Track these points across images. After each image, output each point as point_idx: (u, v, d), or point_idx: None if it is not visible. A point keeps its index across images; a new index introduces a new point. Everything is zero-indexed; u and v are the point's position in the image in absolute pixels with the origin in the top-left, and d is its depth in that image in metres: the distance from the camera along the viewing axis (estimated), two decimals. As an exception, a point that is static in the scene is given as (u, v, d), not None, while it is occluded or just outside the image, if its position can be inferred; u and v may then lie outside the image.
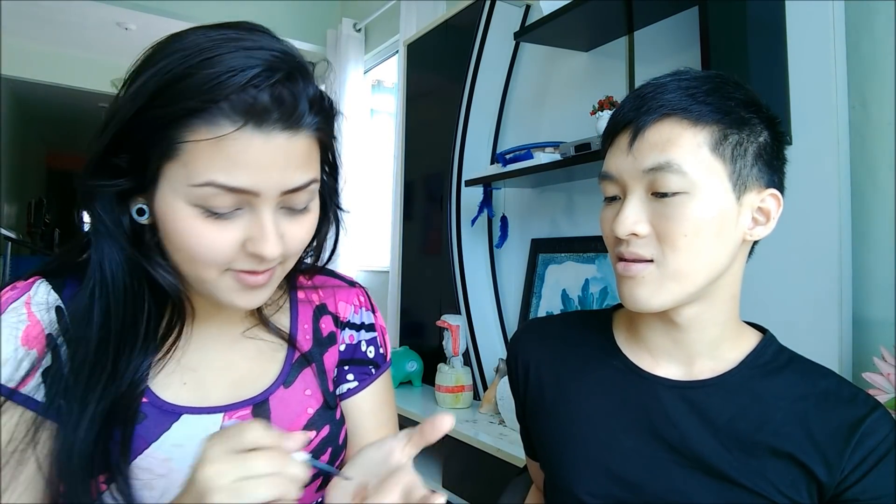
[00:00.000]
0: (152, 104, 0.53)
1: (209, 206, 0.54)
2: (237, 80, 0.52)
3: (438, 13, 2.50)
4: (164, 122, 0.53)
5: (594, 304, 1.65)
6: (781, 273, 1.14)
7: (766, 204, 0.66)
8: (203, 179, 0.53)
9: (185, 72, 0.52)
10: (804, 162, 1.11)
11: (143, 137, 0.54)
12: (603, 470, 0.69)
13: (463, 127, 1.99)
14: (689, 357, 0.70)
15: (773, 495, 0.62)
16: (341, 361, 0.77)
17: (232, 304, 0.60)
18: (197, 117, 0.52)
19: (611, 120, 0.69)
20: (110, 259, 0.59)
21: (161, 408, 0.63)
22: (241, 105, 0.52)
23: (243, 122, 0.52)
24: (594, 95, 1.57)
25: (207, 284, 0.59)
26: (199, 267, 0.57)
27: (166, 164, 0.54)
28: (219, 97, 0.51)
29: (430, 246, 2.33)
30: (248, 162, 0.53)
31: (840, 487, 0.62)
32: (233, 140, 0.52)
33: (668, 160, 0.62)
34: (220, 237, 0.55)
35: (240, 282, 0.59)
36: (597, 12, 1.47)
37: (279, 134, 0.54)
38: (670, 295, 0.64)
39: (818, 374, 0.68)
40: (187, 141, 0.53)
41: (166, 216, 0.56)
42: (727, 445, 0.65)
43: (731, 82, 0.66)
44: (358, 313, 0.79)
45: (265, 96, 0.53)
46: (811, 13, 1.14)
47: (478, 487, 1.60)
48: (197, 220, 0.55)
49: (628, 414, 0.71)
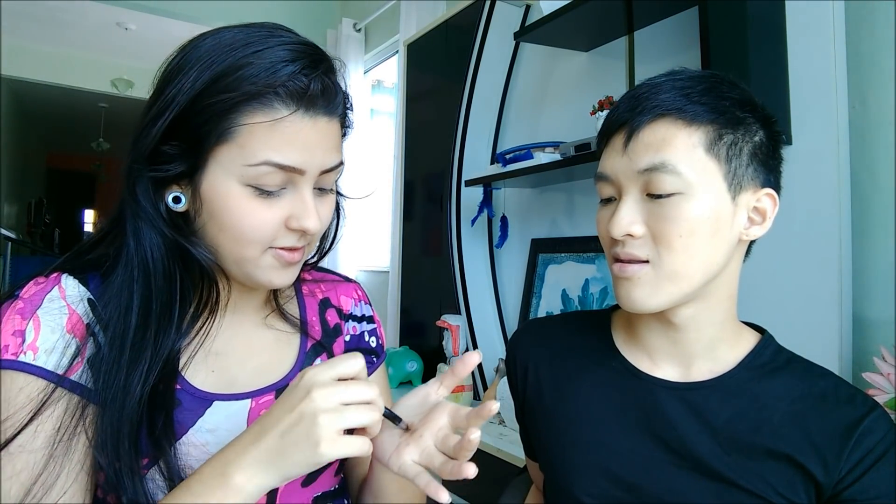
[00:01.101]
0: (210, 92, 0.58)
1: (261, 184, 0.59)
2: (290, 69, 0.59)
3: (438, 13, 2.50)
4: (223, 108, 0.58)
5: (594, 304, 1.65)
6: (781, 273, 1.14)
7: (761, 203, 0.66)
8: (259, 159, 0.58)
9: (240, 62, 0.58)
10: (804, 162, 1.11)
11: (200, 123, 0.59)
12: (601, 471, 0.69)
13: (463, 127, 1.99)
14: (687, 358, 0.70)
15: (771, 496, 0.62)
16: (347, 351, 0.79)
17: (270, 281, 0.64)
18: (256, 102, 0.58)
19: (606, 120, 0.69)
20: (150, 244, 0.61)
21: (194, 394, 0.65)
22: (295, 92, 0.59)
23: (296, 108, 0.59)
24: (594, 95, 1.57)
25: (248, 263, 0.63)
26: (244, 245, 0.61)
27: (220, 147, 0.59)
28: (276, 84, 0.58)
29: (430, 246, 2.33)
30: (298, 142, 0.60)
31: (838, 488, 0.62)
32: (288, 123, 0.59)
33: (663, 160, 0.62)
34: (267, 215, 0.60)
35: (279, 259, 0.63)
36: (597, 12, 1.47)
37: (322, 118, 0.61)
38: (667, 296, 0.64)
39: (816, 374, 0.68)
40: (245, 124, 0.58)
41: (216, 197, 0.60)
42: (725, 447, 0.65)
43: (726, 82, 0.66)
44: (358, 306, 0.83)
45: (316, 85, 0.60)
46: (811, 13, 1.14)
47: (478, 487, 1.60)
48: (248, 199, 0.60)
49: (627, 415, 0.70)
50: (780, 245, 1.12)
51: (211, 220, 0.61)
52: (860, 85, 1.13)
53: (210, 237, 0.62)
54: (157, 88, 0.62)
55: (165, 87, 0.60)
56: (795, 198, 1.11)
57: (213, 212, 0.61)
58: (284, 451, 0.52)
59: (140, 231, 0.62)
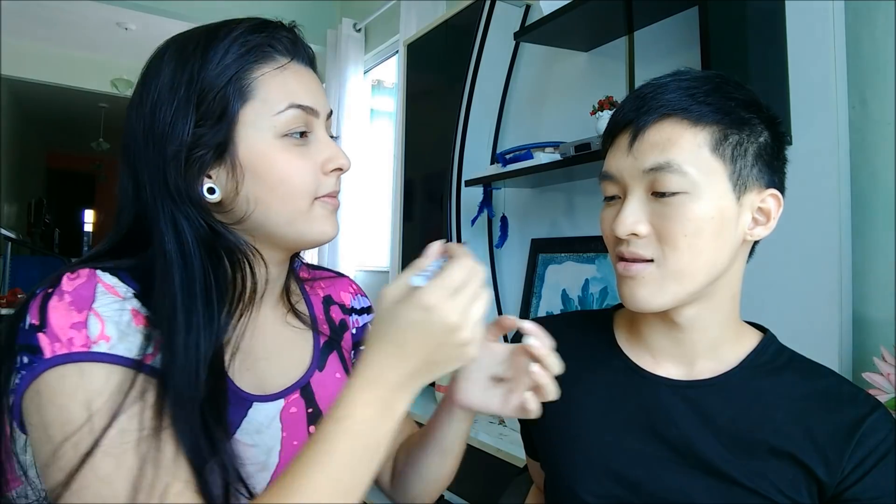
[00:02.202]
0: (218, 61, 0.61)
1: (292, 129, 0.63)
2: (280, 29, 0.66)
3: (438, 13, 2.50)
4: (235, 69, 0.62)
5: (594, 304, 1.65)
6: (781, 273, 1.14)
7: (766, 204, 0.66)
8: (284, 104, 0.63)
9: (229, 31, 0.63)
10: (804, 162, 1.11)
11: (219, 91, 0.61)
12: (604, 469, 0.69)
13: (463, 127, 1.98)
14: (690, 357, 0.70)
15: (774, 495, 0.62)
16: (354, 344, 0.82)
17: (323, 233, 0.67)
18: (259, 54, 0.63)
19: (611, 120, 0.69)
20: (191, 241, 0.61)
21: (237, 394, 0.65)
22: (286, 45, 0.66)
23: (291, 56, 0.65)
24: (594, 95, 1.57)
25: (300, 218, 0.65)
26: (295, 199, 0.64)
27: (244, 109, 0.62)
28: (270, 40, 0.64)
29: (430, 246, 2.33)
30: (307, 85, 0.66)
31: (840, 487, 0.62)
32: (291, 69, 0.65)
33: (668, 160, 0.62)
34: (306, 163, 0.64)
35: (326, 206, 0.67)
36: (597, 12, 1.47)
37: (309, 68, 0.68)
38: (671, 295, 0.64)
39: (818, 373, 0.68)
40: (258, 76, 0.62)
41: (258, 158, 0.62)
42: (728, 445, 0.65)
43: (731, 82, 0.66)
44: (356, 299, 0.86)
45: (298, 40, 0.67)
46: (811, 13, 1.14)
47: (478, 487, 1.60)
48: (287, 150, 0.63)
49: (629, 414, 0.71)
50: (780, 245, 1.12)
51: (257, 184, 0.62)
52: (860, 85, 1.13)
53: (258, 204, 0.63)
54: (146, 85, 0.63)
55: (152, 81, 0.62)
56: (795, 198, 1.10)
57: (258, 173, 0.62)
58: (434, 371, 0.55)
59: (180, 229, 0.60)
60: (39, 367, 0.52)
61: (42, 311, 0.54)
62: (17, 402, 0.54)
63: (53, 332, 0.53)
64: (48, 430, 0.52)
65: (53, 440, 0.51)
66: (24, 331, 0.54)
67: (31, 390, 0.53)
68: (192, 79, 0.61)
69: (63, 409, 0.52)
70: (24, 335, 0.54)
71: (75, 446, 0.51)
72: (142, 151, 0.62)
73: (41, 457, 0.53)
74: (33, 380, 0.52)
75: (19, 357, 0.54)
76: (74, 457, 0.50)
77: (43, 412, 0.52)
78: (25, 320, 0.55)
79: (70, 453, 0.50)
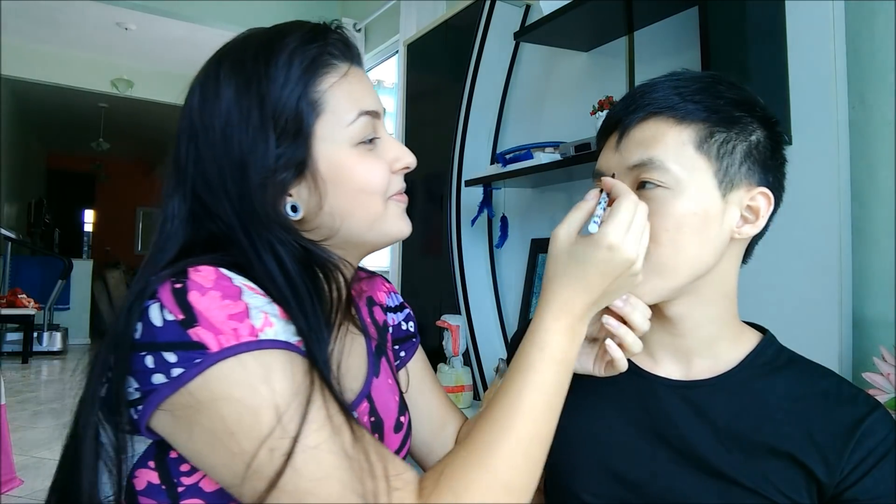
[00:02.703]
0: (286, 76, 0.61)
1: (363, 138, 0.64)
2: (330, 34, 0.65)
3: (438, 13, 2.50)
4: (304, 82, 0.61)
5: (594, 304, 1.65)
6: (782, 273, 1.14)
7: (755, 202, 0.66)
8: (354, 113, 0.63)
9: (285, 44, 0.62)
10: (804, 162, 1.11)
11: (293, 108, 0.61)
12: (603, 469, 0.70)
13: (463, 127, 1.99)
14: (686, 356, 0.70)
15: (773, 495, 0.62)
16: (395, 343, 0.82)
17: (401, 231, 0.68)
18: (322, 66, 0.63)
19: (604, 120, 0.71)
20: (291, 259, 0.59)
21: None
22: (341, 49, 0.65)
23: (349, 61, 0.65)
24: (594, 95, 1.57)
25: (379, 220, 0.66)
26: (374, 202, 0.65)
27: (318, 122, 0.62)
28: (326, 47, 0.64)
29: (430, 246, 2.33)
30: (367, 88, 0.66)
31: (840, 487, 0.62)
32: (352, 74, 0.65)
33: (651, 157, 0.64)
34: (380, 165, 0.65)
35: (399, 205, 0.68)
36: (597, 12, 1.47)
37: (362, 69, 0.68)
38: (654, 289, 0.65)
39: (818, 374, 0.68)
40: (326, 89, 0.62)
41: (338, 168, 0.63)
42: (727, 445, 0.65)
43: (724, 82, 0.67)
44: (391, 297, 0.85)
45: (348, 41, 0.67)
46: (811, 13, 1.14)
47: (478, 487, 1.60)
48: (362, 158, 0.64)
49: (629, 413, 0.71)
50: (780, 245, 1.12)
51: (339, 195, 0.63)
52: (860, 85, 1.13)
53: (340, 214, 0.63)
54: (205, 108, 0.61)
55: (213, 104, 0.61)
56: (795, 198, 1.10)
57: (339, 185, 0.62)
58: (609, 299, 0.62)
59: (280, 255, 0.58)
60: (207, 362, 0.49)
61: (185, 305, 0.51)
62: (153, 404, 0.51)
63: (212, 325, 0.50)
64: (225, 423, 0.49)
65: (236, 435, 0.49)
66: (161, 329, 0.51)
67: (194, 387, 0.49)
68: (262, 99, 0.60)
69: (242, 402, 0.49)
70: (164, 333, 0.51)
71: (270, 446, 0.49)
72: (216, 179, 0.60)
73: (218, 451, 0.50)
74: (197, 376, 0.49)
75: (154, 357, 0.50)
76: (273, 454, 0.48)
77: (217, 407, 0.49)
78: (154, 318, 0.51)
79: (264, 455, 0.48)
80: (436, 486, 0.53)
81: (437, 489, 0.53)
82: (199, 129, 0.61)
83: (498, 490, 0.54)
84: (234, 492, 0.52)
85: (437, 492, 0.53)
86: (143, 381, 0.51)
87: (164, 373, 0.50)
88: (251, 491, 0.50)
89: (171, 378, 0.50)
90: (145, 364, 0.51)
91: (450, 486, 0.53)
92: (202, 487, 0.55)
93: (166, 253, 0.59)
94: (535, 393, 0.58)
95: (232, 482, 0.51)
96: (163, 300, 0.52)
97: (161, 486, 0.55)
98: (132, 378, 0.52)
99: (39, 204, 8.29)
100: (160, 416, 0.52)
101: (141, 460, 0.55)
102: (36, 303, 5.97)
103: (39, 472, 2.74)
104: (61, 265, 6.65)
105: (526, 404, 0.57)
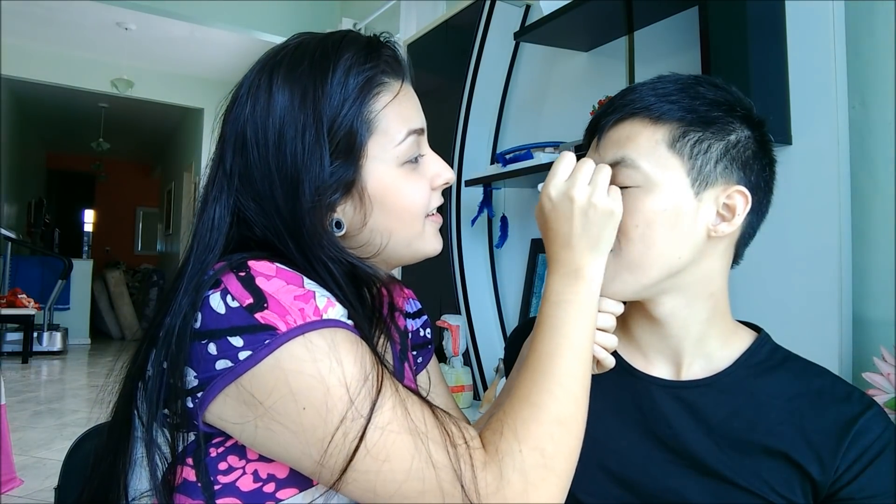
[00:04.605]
0: (343, 94, 0.61)
1: (410, 157, 0.64)
2: (383, 49, 0.65)
3: (438, 13, 2.50)
4: (360, 105, 0.61)
5: (594, 304, 1.65)
6: (781, 273, 1.14)
7: (731, 200, 0.66)
8: (403, 134, 0.63)
9: (339, 61, 0.61)
10: (804, 162, 1.11)
11: (348, 125, 0.61)
12: (600, 469, 0.70)
13: (463, 127, 1.99)
14: (677, 355, 0.71)
15: (768, 494, 0.63)
16: (414, 348, 0.82)
17: (434, 249, 0.69)
18: (377, 85, 0.62)
19: (589, 122, 0.73)
20: (340, 273, 0.60)
21: None
22: (393, 66, 0.65)
23: (400, 78, 0.66)
24: (594, 95, 1.57)
25: (417, 238, 0.66)
26: (415, 222, 0.65)
27: (370, 141, 0.62)
28: (381, 65, 0.63)
29: (430, 246, 2.33)
30: (416, 106, 0.67)
31: (834, 486, 0.62)
32: (403, 93, 0.65)
33: (623, 155, 0.66)
34: (423, 184, 0.66)
35: (434, 224, 0.69)
36: (597, 12, 1.47)
37: (410, 85, 0.68)
38: (625, 285, 0.66)
39: (812, 373, 0.68)
40: (381, 109, 0.62)
41: (386, 189, 0.63)
42: (722, 445, 0.65)
43: (707, 83, 0.68)
44: (409, 303, 0.85)
45: (398, 56, 0.67)
46: (811, 13, 1.14)
47: (478, 487, 1.60)
48: (408, 177, 0.64)
49: (624, 413, 0.71)
50: (780, 245, 1.12)
51: (384, 213, 0.63)
52: (860, 85, 1.13)
53: (383, 231, 0.64)
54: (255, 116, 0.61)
55: (266, 114, 0.60)
56: (795, 198, 1.11)
57: (385, 203, 0.63)
58: (600, 244, 0.62)
59: (329, 269, 0.59)
60: (276, 343, 0.50)
61: (254, 289, 0.52)
62: (216, 389, 0.51)
63: (281, 306, 0.52)
64: (297, 400, 0.50)
65: (308, 411, 0.50)
66: (224, 316, 0.52)
67: (265, 368, 0.50)
68: (318, 115, 0.59)
69: (313, 377, 0.50)
70: (228, 319, 0.52)
71: (345, 421, 0.50)
72: (266, 191, 0.60)
73: (290, 430, 0.51)
74: (267, 356, 0.50)
75: (217, 343, 0.51)
76: (352, 424, 0.50)
77: (288, 385, 0.50)
78: (217, 306, 0.52)
79: (338, 430, 0.50)
80: (495, 434, 0.56)
81: (502, 436, 0.55)
82: (249, 138, 0.61)
83: (551, 424, 0.56)
84: (308, 472, 0.53)
85: (502, 438, 0.55)
86: (204, 369, 0.52)
87: (229, 358, 0.51)
88: (328, 470, 0.51)
89: (238, 362, 0.51)
90: (207, 351, 0.52)
91: (510, 428, 0.56)
92: (239, 486, 0.55)
93: (215, 252, 0.60)
94: (564, 337, 0.61)
95: (306, 462, 0.52)
96: (229, 287, 0.53)
97: (197, 484, 0.55)
98: (189, 368, 0.52)
99: (39, 204, 8.29)
100: (223, 402, 0.52)
101: (179, 457, 0.56)
102: (36, 303, 5.98)
103: (39, 472, 2.74)
104: (61, 265, 6.65)
105: (578, 334, 0.61)
